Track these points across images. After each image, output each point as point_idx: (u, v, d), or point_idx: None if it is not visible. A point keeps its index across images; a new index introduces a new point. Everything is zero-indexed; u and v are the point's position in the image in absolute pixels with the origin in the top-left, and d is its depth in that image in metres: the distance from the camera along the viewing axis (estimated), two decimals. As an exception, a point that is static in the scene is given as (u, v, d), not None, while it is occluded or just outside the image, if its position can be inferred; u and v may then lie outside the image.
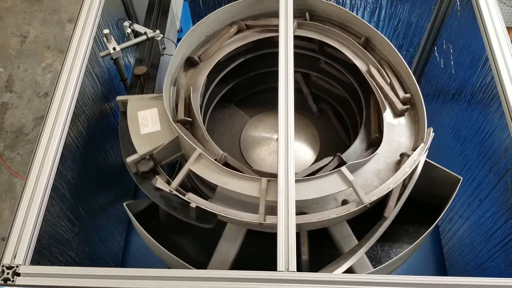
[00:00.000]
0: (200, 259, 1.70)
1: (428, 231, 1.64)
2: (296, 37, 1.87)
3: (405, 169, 1.61)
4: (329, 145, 2.23)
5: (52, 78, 3.84)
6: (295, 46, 1.75)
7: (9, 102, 3.72)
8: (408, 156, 1.65)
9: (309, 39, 2.06)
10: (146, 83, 1.99)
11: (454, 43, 2.26)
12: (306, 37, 2.03)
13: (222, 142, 2.22)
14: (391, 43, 1.89)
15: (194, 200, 1.57)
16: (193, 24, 1.99)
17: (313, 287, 1.25)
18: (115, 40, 1.89)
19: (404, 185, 1.64)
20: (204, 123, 1.99)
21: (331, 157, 1.82)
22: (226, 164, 1.68)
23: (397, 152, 1.70)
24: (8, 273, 1.29)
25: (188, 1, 2.88)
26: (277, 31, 1.79)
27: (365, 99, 2.00)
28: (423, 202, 1.78)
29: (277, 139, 1.53)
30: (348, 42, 1.97)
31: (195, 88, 1.88)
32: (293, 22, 1.85)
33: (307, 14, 2.02)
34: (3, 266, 1.30)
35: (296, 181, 1.46)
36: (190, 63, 1.93)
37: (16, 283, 1.28)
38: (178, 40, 2.01)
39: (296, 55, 1.72)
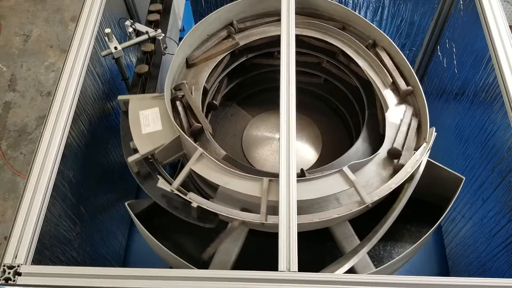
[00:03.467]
0: (202, 259, 1.69)
1: (430, 231, 1.63)
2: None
3: (407, 169, 1.61)
4: (332, 144, 2.23)
5: (55, 77, 3.84)
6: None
7: (12, 101, 3.73)
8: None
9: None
10: (147, 82, 1.99)
11: (457, 42, 2.25)
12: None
13: (224, 142, 2.22)
14: (393, 42, 1.88)
15: (195, 199, 1.57)
16: (195, 23, 1.99)
17: (314, 287, 1.25)
18: (117, 39, 1.89)
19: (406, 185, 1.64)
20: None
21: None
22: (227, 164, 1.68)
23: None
24: (9, 273, 1.29)
25: (190, 0, 2.88)
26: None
27: (368, 98, 1.99)
28: (426, 202, 1.78)
29: (279, 138, 1.52)
30: (350, 41, 1.97)
31: (197, 87, 1.88)
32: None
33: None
34: (4, 265, 1.30)
35: (298, 181, 1.45)
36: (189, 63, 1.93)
37: (18, 282, 1.28)
38: (180, 39, 2.01)
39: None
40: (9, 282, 1.28)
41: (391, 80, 1.85)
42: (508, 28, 1.80)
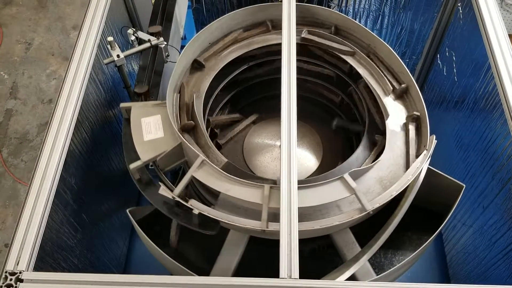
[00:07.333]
0: (202, 266, 1.70)
1: (431, 238, 1.63)
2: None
3: (408, 176, 1.62)
4: (332, 152, 2.23)
5: (56, 85, 3.86)
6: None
7: (14, 108, 3.74)
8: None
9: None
10: (149, 89, 1.99)
11: (456, 50, 2.27)
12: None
13: (225, 149, 2.22)
14: (393, 51, 1.89)
15: (196, 206, 1.57)
16: (197, 31, 2.00)
17: (315, 294, 1.25)
18: (119, 47, 1.91)
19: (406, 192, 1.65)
20: (207, 130, 2.00)
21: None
22: (228, 171, 1.68)
23: (400, 160, 1.70)
24: (11, 279, 1.29)
25: (192, 9, 2.90)
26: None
27: (368, 106, 2.00)
28: (426, 209, 1.78)
29: (280, 146, 1.53)
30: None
31: (198, 95, 1.89)
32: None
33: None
34: (6, 272, 1.30)
35: (299, 188, 1.46)
36: (196, 65, 1.94)
37: (19, 289, 1.29)
38: (182, 47, 2.02)
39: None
40: (11, 288, 1.28)
41: (392, 88, 1.86)
42: (507, 36, 1.82)
